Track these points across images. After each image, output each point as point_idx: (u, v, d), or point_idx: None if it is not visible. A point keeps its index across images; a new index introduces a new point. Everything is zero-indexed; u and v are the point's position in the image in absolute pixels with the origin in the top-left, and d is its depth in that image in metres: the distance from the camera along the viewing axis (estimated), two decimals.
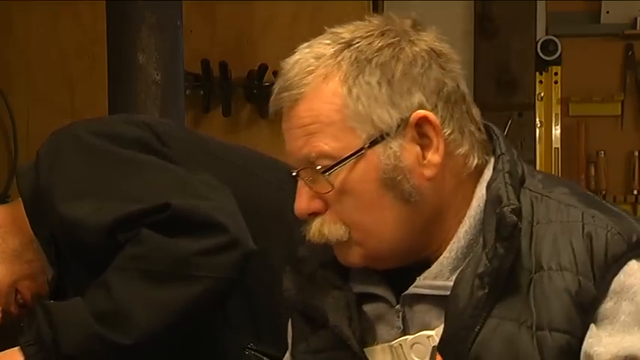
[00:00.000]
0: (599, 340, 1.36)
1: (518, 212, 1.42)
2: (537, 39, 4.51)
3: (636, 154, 4.74)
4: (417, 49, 1.44)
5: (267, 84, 4.11)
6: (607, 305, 1.38)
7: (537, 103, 4.57)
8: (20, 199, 2.04)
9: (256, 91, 4.18)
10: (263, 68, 4.10)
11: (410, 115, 1.43)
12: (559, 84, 4.64)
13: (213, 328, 2.00)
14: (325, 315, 1.55)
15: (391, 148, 1.44)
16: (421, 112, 1.43)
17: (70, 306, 1.88)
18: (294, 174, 1.52)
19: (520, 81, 4.46)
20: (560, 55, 4.56)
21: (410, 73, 1.43)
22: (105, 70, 3.16)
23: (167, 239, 1.78)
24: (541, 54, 4.53)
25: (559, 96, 4.68)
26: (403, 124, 1.44)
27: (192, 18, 3.75)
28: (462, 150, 1.48)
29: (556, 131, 4.73)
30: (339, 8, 4.30)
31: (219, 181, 1.94)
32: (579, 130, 4.76)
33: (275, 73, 4.06)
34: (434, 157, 1.45)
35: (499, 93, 4.38)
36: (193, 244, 1.78)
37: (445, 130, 1.45)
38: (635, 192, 4.71)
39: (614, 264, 1.39)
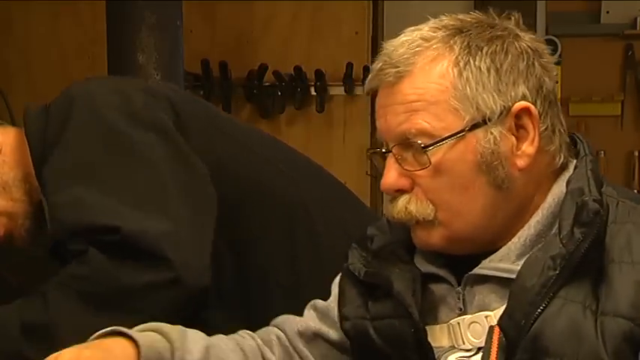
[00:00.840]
0: None
1: (601, 203, 1.42)
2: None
3: (636, 154, 4.80)
4: (524, 44, 1.46)
5: (267, 84, 4.17)
6: None
7: None
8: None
9: (256, 91, 4.24)
10: (263, 68, 4.13)
11: (513, 105, 1.44)
12: (559, 84, 4.52)
13: (206, 311, 1.95)
14: (391, 282, 1.57)
15: (492, 133, 1.44)
16: (524, 103, 1.44)
17: (3, 314, 1.86)
18: (383, 150, 1.53)
19: None
20: (559, 55, 4.57)
21: (517, 65, 1.45)
22: (105, 70, 3.16)
23: (111, 265, 1.77)
24: None
25: (559, 96, 4.42)
26: (505, 111, 1.45)
27: (192, 18, 3.77)
28: (552, 147, 1.48)
29: None
30: (340, 8, 4.36)
31: (207, 184, 1.91)
32: (579, 130, 4.27)
33: (276, 74, 4.12)
34: (528, 148, 1.45)
35: None
36: (136, 276, 1.76)
37: (541, 125, 1.46)
38: (635, 192, 4.43)
39: None
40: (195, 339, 1.64)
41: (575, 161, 1.51)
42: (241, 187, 2.00)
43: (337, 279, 1.74)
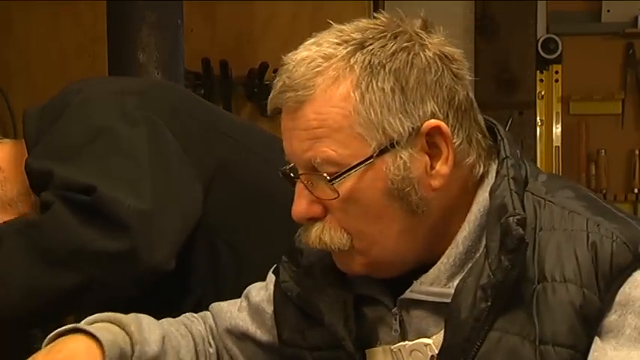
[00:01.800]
0: (604, 354, 1.33)
1: (524, 223, 1.38)
2: (538, 37, 4.55)
3: (637, 152, 4.78)
4: (430, 54, 1.39)
5: (267, 82, 4.16)
6: (611, 318, 1.34)
7: (538, 101, 4.62)
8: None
9: (257, 90, 4.21)
10: (263, 67, 4.10)
11: (422, 125, 1.38)
12: (559, 82, 4.67)
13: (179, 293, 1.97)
14: (322, 314, 1.53)
15: (401, 157, 1.39)
16: (433, 122, 1.38)
17: None
18: (292, 175, 1.49)
19: (521, 80, 4.50)
20: (560, 54, 4.59)
21: (423, 80, 1.38)
22: (105, 69, 3.15)
23: (73, 222, 1.75)
24: (542, 52, 4.56)
25: (559, 94, 4.71)
26: (414, 133, 1.38)
27: (192, 17, 3.77)
28: (469, 160, 1.44)
29: (557, 130, 4.77)
30: (340, 8, 4.29)
31: (196, 178, 1.90)
32: (580, 129, 4.78)
33: (276, 72, 4.21)
34: (442, 167, 1.41)
35: (499, 92, 4.40)
36: (95, 240, 1.74)
37: (455, 141, 1.41)
38: (636, 190, 4.74)
39: (619, 275, 1.35)
40: (151, 328, 1.61)
41: (495, 165, 1.48)
42: (241, 188, 1.99)
43: (271, 276, 1.71)
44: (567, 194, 1.46)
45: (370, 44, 1.38)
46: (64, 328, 1.51)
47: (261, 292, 1.70)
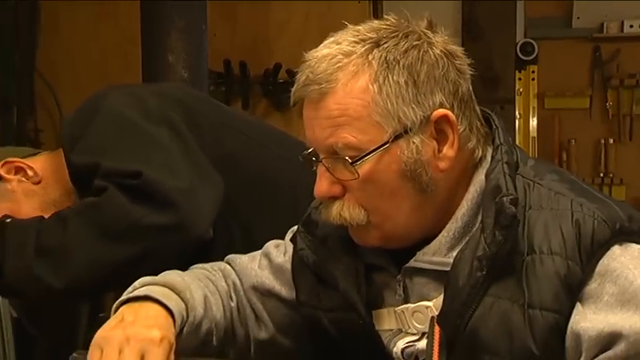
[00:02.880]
0: (584, 317, 1.38)
1: (516, 202, 1.43)
2: (517, 41, 4.57)
3: (602, 141, 4.84)
4: (438, 51, 1.45)
5: (281, 81, 4.17)
6: (592, 286, 1.39)
7: (517, 97, 4.65)
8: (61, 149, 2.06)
9: (271, 87, 4.25)
10: (277, 67, 4.18)
11: (431, 113, 1.44)
12: (536, 81, 4.73)
13: None
14: (337, 280, 1.58)
15: (413, 142, 1.44)
16: (442, 111, 1.44)
17: (21, 233, 1.91)
18: (313, 159, 1.52)
19: (502, 78, 4.49)
20: (536, 56, 4.64)
21: (432, 74, 1.44)
22: (139, 68, 3.28)
23: (127, 202, 1.82)
24: (520, 54, 4.59)
25: (535, 91, 4.76)
26: (425, 120, 1.44)
27: (215, 22, 3.77)
28: (470, 144, 1.49)
29: (533, 122, 4.80)
30: (346, 8, 4.30)
31: (216, 165, 1.96)
32: (553, 122, 4.85)
33: (289, 72, 4.09)
34: (449, 151, 1.46)
35: (483, 88, 4.23)
36: (147, 215, 1.81)
37: (459, 127, 1.46)
38: (602, 175, 4.82)
39: (599, 249, 1.40)
40: (196, 291, 1.63)
41: (491, 149, 1.52)
42: (251, 178, 2.04)
43: (287, 242, 1.75)
44: (553, 177, 1.50)
45: (385, 42, 1.43)
46: (132, 294, 1.52)
47: (280, 254, 1.73)
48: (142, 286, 1.53)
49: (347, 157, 1.44)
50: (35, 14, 4.39)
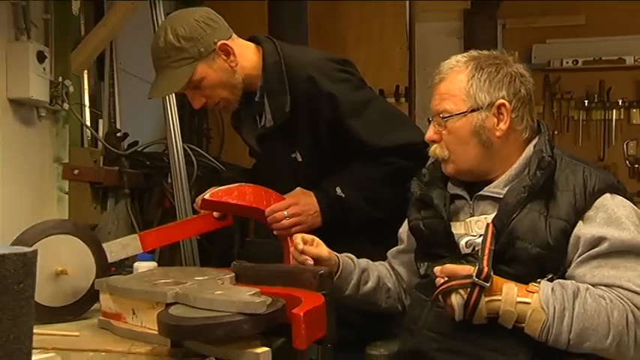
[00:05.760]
0: (584, 227, 1.60)
1: (551, 157, 1.64)
2: None
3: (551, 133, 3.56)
4: (510, 69, 1.71)
5: None
6: (590, 213, 1.61)
7: None
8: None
9: None
10: None
11: (496, 101, 1.65)
12: None
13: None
14: (432, 199, 1.79)
15: (481, 115, 1.67)
16: (502, 101, 1.66)
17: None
18: (429, 119, 1.75)
19: None
20: None
21: (502, 80, 1.69)
22: None
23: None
24: None
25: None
26: (491, 104, 1.67)
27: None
28: (520, 127, 1.71)
29: None
30: (391, 53, 4.49)
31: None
32: None
33: None
34: (502, 125, 1.67)
35: None
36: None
37: (512, 114, 1.67)
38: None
39: (598, 192, 1.62)
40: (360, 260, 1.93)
41: (538, 137, 1.72)
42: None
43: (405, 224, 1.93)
44: (570, 154, 1.73)
45: (480, 58, 1.72)
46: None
47: (403, 230, 1.98)
48: None
49: (442, 117, 1.68)
50: None
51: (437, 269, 1.63)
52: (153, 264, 2.17)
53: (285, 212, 2.12)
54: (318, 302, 1.57)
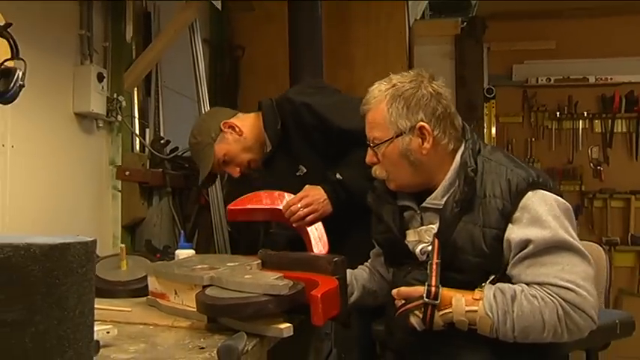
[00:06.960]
0: (513, 231, 1.53)
1: (474, 170, 1.57)
2: (484, 87, 4.80)
3: (529, 140, 5.71)
4: (426, 91, 1.62)
5: None
6: (516, 215, 1.54)
7: (485, 117, 4.86)
8: (259, 115, 2.26)
9: None
10: None
11: (416, 124, 1.60)
12: (494, 108, 5.25)
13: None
14: (382, 216, 1.75)
15: (405, 139, 1.61)
16: (422, 123, 1.60)
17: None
18: (368, 144, 1.67)
19: (476, 106, 4.59)
20: (494, 95, 5.12)
21: (419, 102, 1.61)
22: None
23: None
24: (486, 94, 4.89)
25: (494, 114, 5.29)
26: (412, 127, 1.61)
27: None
28: (444, 141, 1.63)
29: (493, 130, 5.34)
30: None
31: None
32: (504, 130, 5.69)
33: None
34: (427, 144, 1.61)
35: (467, 112, 4.37)
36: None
37: (434, 132, 1.61)
38: (528, 157, 5.63)
39: (520, 193, 1.55)
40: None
41: (463, 144, 1.64)
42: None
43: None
44: (499, 155, 1.65)
45: (397, 84, 1.63)
46: None
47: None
48: None
49: (373, 143, 1.62)
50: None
51: (394, 292, 1.63)
52: (191, 252, 2.18)
53: (299, 204, 2.12)
54: (332, 285, 1.57)
